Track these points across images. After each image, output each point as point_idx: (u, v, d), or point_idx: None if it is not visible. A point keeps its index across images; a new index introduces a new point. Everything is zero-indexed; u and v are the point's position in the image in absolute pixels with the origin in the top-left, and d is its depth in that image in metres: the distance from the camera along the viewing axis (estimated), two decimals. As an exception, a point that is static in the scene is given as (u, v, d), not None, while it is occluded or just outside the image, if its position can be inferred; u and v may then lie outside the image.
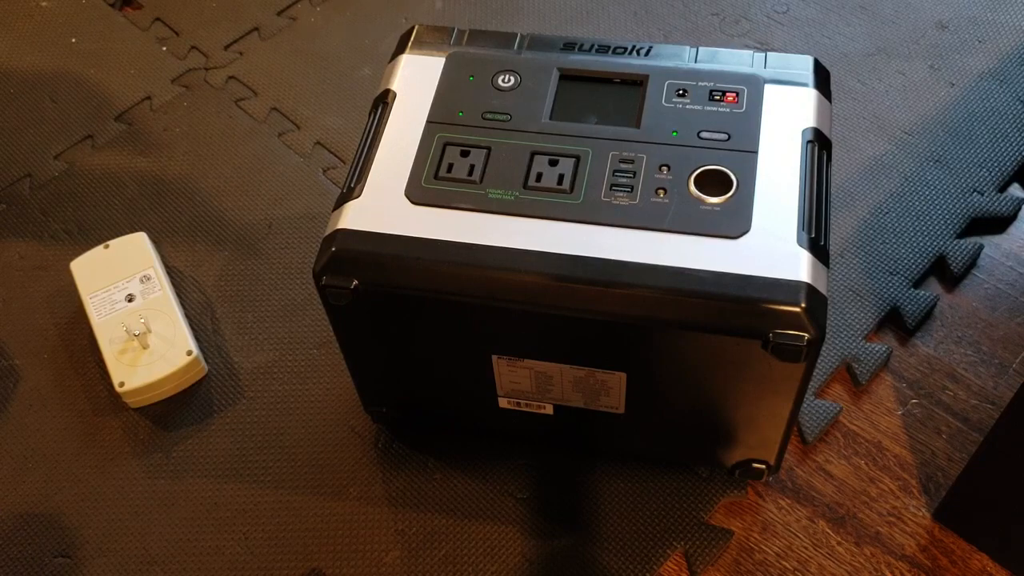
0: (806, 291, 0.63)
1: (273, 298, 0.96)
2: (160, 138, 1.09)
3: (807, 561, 0.79)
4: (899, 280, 0.93)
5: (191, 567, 0.81)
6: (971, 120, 1.04)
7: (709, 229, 0.65)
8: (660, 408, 0.75)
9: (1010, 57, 1.09)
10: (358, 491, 0.84)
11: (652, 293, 0.64)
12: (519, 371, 0.73)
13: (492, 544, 0.81)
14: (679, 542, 0.80)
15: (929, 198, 0.98)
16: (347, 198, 0.69)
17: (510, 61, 0.75)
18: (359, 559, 0.80)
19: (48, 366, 0.92)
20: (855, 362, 0.88)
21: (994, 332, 0.90)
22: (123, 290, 0.92)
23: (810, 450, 0.85)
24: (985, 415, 0.85)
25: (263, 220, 1.02)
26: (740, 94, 0.72)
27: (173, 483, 0.85)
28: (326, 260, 0.67)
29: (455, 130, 0.72)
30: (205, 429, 0.88)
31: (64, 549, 0.82)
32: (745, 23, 1.15)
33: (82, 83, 1.15)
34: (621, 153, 0.69)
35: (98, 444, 0.87)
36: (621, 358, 0.70)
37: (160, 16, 1.21)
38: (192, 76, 1.15)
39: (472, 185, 0.69)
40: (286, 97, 1.12)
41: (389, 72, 0.77)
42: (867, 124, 1.05)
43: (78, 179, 1.06)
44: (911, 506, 0.81)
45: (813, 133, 0.70)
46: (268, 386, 0.90)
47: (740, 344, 0.65)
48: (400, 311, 0.70)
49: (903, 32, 1.12)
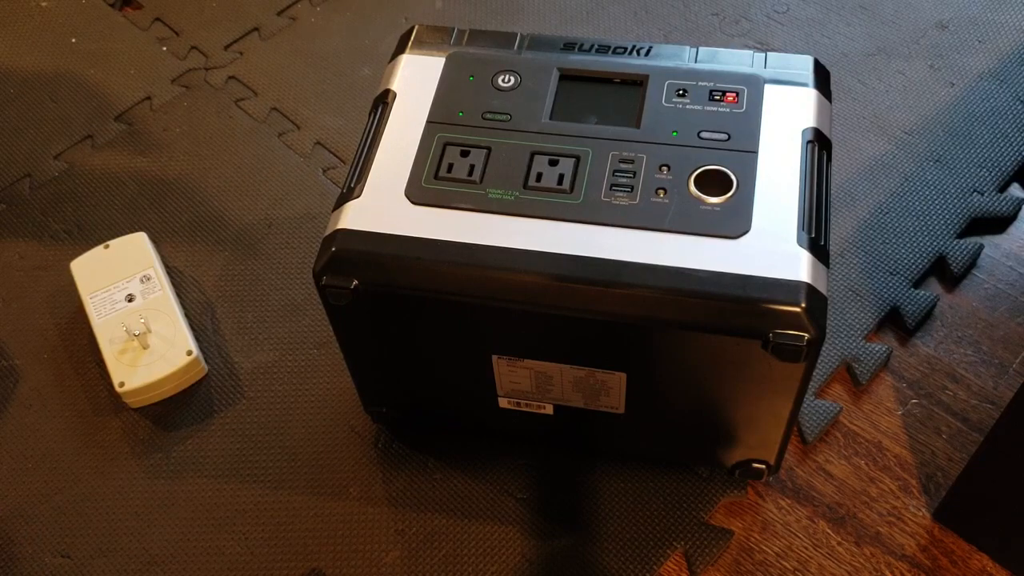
0: (806, 291, 0.63)
1: (273, 298, 0.96)
2: (160, 138, 1.09)
3: (807, 561, 0.79)
4: (899, 280, 0.93)
5: (191, 567, 0.81)
6: (971, 120, 1.04)
7: (709, 229, 0.65)
8: (660, 408, 0.75)
9: (1010, 57, 1.09)
10: (358, 491, 0.84)
11: (652, 293, 0.64)
12: (519, 371, 0.73)
13: (492, 544, 0.81)
14: (679, 542, 0.80)
15: (929, 198, 0.98)
16: (347, 198, 0.69)
17: (510, 61, 0.75)
18: (359, 559, 0.80)
19: (48, 366, 0.92)
20: (855, 362, 0.88)
21: (994, 332, 0.90)
22: (123, 290, 0.92)
23: (810, 450, 0.85)
24: (985, 415, 0.85)
25: (263, 220, 1.02)
26: (740, 94, 0.72)
27: (173, 483, 0.85)
28: (326, 260, 0.67)
29: (455, 130, 0.72)
30: (205, 429, 0.88)
31: (64, 549, 0.82)
32: (745, 23, 1.15)
33: (82, 83, 1.15)
34: (621, 153, 0.69)
35: (98, 444, 0.87)
36: (621, 358, 0.70)
37: (160, 16, 1.21)
38: (192, 76, 1.15)
39: (472, 185, 0.69)
40: (286, 97, 1.12)
41: (389, 72, 0.77)
42: (867, 124, 1.05)
43: (78, 179, 1.06)
44: (911, 506, 0.81)
45: (813, 133, 0.70)
46: (268, 386, 0.90)
47: (740, 344, 0.65)
48: (400, 311, 0.70)
49: (903, 32, 1.12)
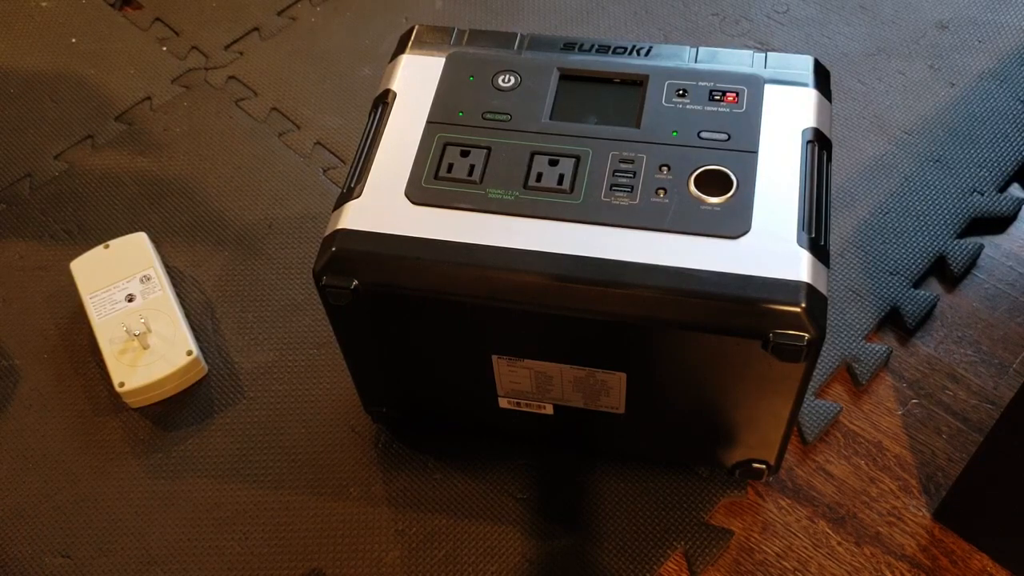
0: (806, 291, 0.63)
1: (273, 298, 0.96)
2: (160, 138, 1.09)
3: (807, 561, 0.79)
4: (899, 280, 0.93)
5: (191, 567, 0.81)
6: (971, 120, 1.04)
7: (709, 229, 0.65)
8: (660, 408, 0.75)
9: (1010, 57, 1.09)
10: (358, 491, 0.84)
11: (652, 293, 0.64)
12: (519, 371, 0.73)
13: (492, 544, 0.81)
14: (679, 542, 0.80)
15: (929, 198, 0.98)
16: (347, 198, 0.69)
17: (510, 61, 0.75)
18: (359, 559, 0.80)
19: (48, 366, 0.92)
20: (855, 362, 0.88)
21: (994, 332, 0.90)
22: (123, 290, 0.92)
23: (810, 450, 0.85)
24: (985, 415, 0.85)
25: (263, 220, 1.02)
26: (740, 94, 0.72)
27: (173, 483, 0.85)
28: (326, 260, 0.67)
29: (455, 130, 0.71)
30: (205, 429, 0.88)
31: (64, 549, 0.82)
32: (745, 23, 1.15)
33: (82, 83, 1.15)
34: (621, 153, 0.69)
35: (98, 444, 0.87)
36: (621, 358, 0.70)
37: (160, 16, 1.21)
38: (192, 76, 1.15)
39: (472, 185, 0.69)
40: (286, 97, 1.12)
41: (389, 72, 0.77)
42: (867, 124, 1.05)
43: (78, 179, 1.06)
44: (911, 506, 0.81)
45: (813, 133, 0.70)
46: (268, 386, 0.90)
47: (740, 344, 0.64)
48: (400, 311, 0.70)
49: (903, 32, 1.12)
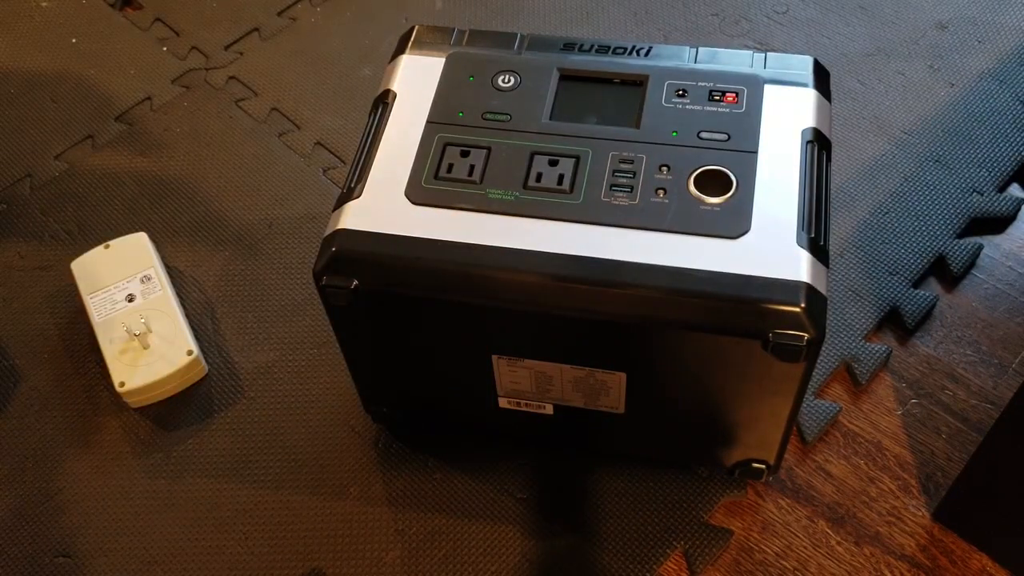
0: (806, 291, 0.63)
1: (273, 298, 0.96)
2: (160, 138, 1.09)
3: (807, 561, 0.79)
4: (899, 280, 0.93)
5: (191, 567, 0.81)
6: (971, 120, 1.04)
7: (709, 229, 0.65)
8: (660, 408, 0.75)
9: (1010, 57, 1.09)
10: (358, 491, 0.84)
11: (652, 293, 0.64)
12: (519, 371, 0.73)
13: (492, 544, 0.81)
14: (679, 542, 0.80)
15: (929, 198, 0.98)
16: (347, 198, 0.69)
17: (510, 61, 0.75)
18: (359, 559, 0.80)
19: (48, 366, 0.92)
20: (855, 362, 0.88)
21: (994, 332, 0.90)
22: (123, 290, 0.92)
23: (810, 450, 0.85)
24: (985, 415, 0.85)
25: (263, 220, 1.02)
26: (740, 94, 0.72)
27: (173, 483, 0.85)
28: (326, 260, 0.67)
29: (455, 130, 0.72)
30: (205, 429, 0.88)
31: (64, 549, 0.82)
32: (745, 23, 1.15)
33: (82, 83, 1.15)
34: (621, 153, 0.69)
35: (98, 444, 0.87)
36: (621, 358, 0.70)
37: (160, 16, 1.21)
38: (192, 76, 1.15)
39: (472, 185, 0.69)
40: (286, 97, 1.12)
41: (389, 72, 0.77)
42: (867, 124, 1.05)
43: (78, 179, 1.06)
44: (911, 506, 0.81)
45: (813, 133, 0.70)
46: (268, 386, 0.90)
47: (740, 344, 0.65)
48: (400, 311, 0.70)
49: (903, 32, 1.12)
